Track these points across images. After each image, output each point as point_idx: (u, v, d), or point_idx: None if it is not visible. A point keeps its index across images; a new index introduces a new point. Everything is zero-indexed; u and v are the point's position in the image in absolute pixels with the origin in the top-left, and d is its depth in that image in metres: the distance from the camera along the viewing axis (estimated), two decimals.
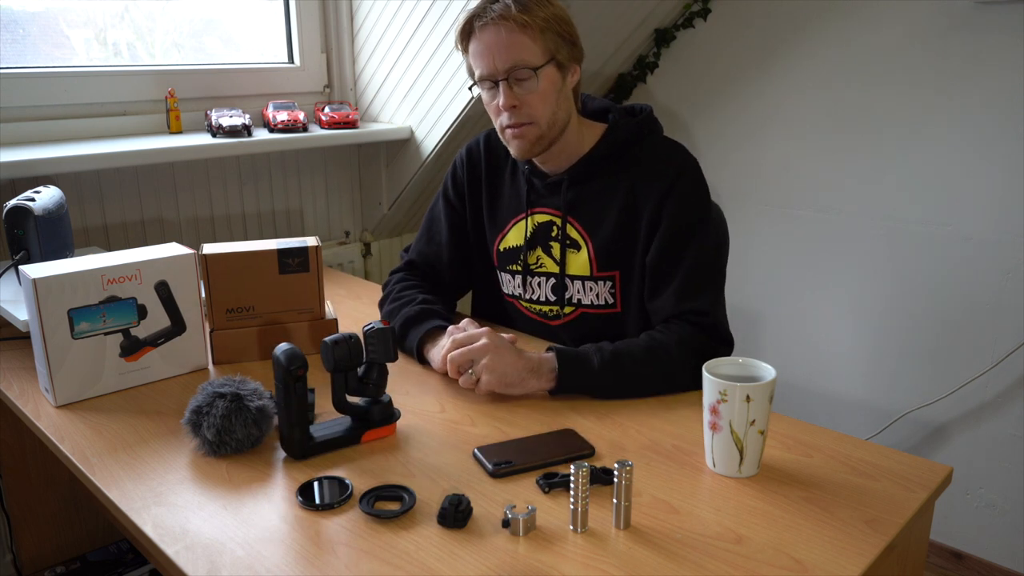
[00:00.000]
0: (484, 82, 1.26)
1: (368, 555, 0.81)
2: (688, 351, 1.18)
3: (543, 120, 1.25)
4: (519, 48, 1.21)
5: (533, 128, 1.26)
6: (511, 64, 1.22)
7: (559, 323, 1.38)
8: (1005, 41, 1.81)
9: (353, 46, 2.18)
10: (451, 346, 1.18)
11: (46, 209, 1.35)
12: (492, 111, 1.29)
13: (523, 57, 1.22)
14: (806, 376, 2.30)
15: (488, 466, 0.97)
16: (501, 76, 1.23)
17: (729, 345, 1.27)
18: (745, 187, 2.31)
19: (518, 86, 1.23)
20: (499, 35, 1.21)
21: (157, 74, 1.86)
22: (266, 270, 1.29)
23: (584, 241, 1.33)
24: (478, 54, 1.24)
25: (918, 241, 2.03)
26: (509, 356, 1.15)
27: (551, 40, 1.23)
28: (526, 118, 1.25)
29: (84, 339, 1.14)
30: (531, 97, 1.24)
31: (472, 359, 1.15)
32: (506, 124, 1.27)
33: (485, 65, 1.24)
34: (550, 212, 1.36)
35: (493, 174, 1.43)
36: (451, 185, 1.46)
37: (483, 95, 1.29)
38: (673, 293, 1.25)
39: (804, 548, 0.82)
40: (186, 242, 1.89)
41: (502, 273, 1.43)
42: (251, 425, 1.00)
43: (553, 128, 1.27)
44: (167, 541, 0.84)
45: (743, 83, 2.26)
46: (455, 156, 1.47)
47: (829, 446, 1.03)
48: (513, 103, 1.23)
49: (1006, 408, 1.97)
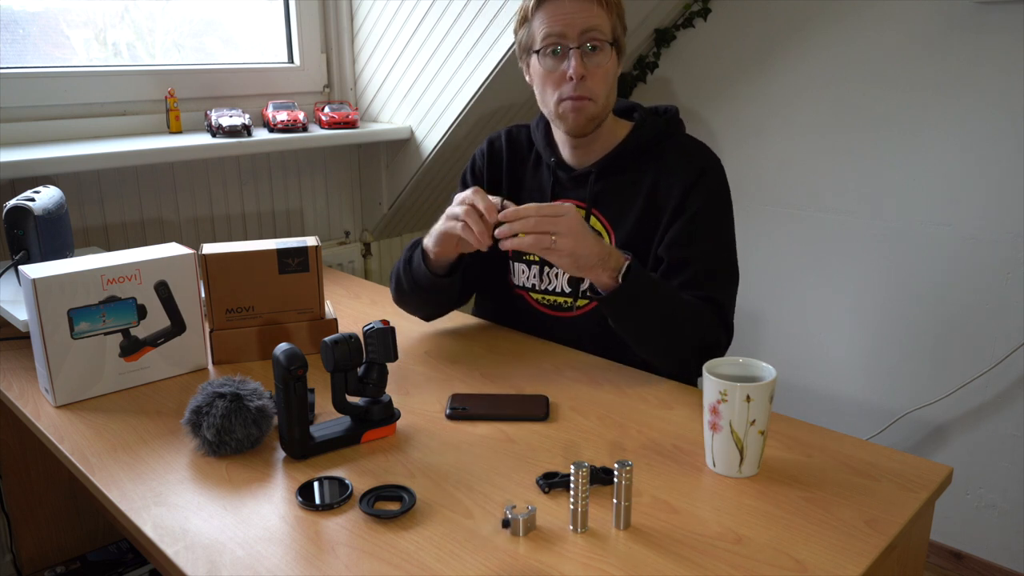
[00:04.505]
0: (550, 48, 1.26)
1: (368, 555, 0.81)
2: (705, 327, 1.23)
3: (601, 98, 1.27)
4: (597, 18, 1.24)
5: (591, 105, 1.27)
6: (588, 27, 1.23)
7: (572, 315, 1.38)
8: (1005, 41, 1.81)
9: (353, 46, 2.18)
10: (536, 212, 1.13)
11: (46, 209, 1.35)
12: (552, 81, 1.28)
13: (600, 25, 1.24)
14: (806, 376, 2.30)
15: (447, 410, 1.11)
16: (575, 43, 1.24)
17: (730, 336, 1.29)
18: (745, 187, 2.31)
19: (588, 58, 1.25)
20: (578, 3, 1.23)
21: (157, 74, 1.86)
22: (266, 270, 1.29)
23: (607, 233, 1.34)
24: (553, 17, 1.24)
25: (918, 241, 2.03)
26: (590, 239, 1.14)
27: (616, 23, 1.27)
28: (588, 92, 1.26)
29: (84, 339, 1.14)
30: (599, 71, 1.25)
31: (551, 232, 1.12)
32: (568, 95, 1.26)
33: (561, 29, 1.24)
34: (574, 204, 1.36)
35: (515, 167, 1.45)
36: (470, 177, 1.48)
37: (543, 63, 1.28)
38: (690, 279, 1.27)
39: (804, 548, 0.82)
40: (186, 242, 1.90)
41: (517, 264, 1.43)
42: (251, 425, 1.00)
43: (606, 110, 1.30)
44: (167, 541, 0.84)
45: (743, 83, 2.26)
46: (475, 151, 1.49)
47: (829, 446, 1.03)
48: (583, 73, 1.24)
49: (1006, 408, 1.97)
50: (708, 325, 1.24)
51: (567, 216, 1.14)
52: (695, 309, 1.23)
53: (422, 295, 1.36)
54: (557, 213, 1.14)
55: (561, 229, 1.12)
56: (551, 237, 1.12)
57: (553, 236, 1.12)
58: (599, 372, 1.27)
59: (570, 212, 1.15)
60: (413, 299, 1.40)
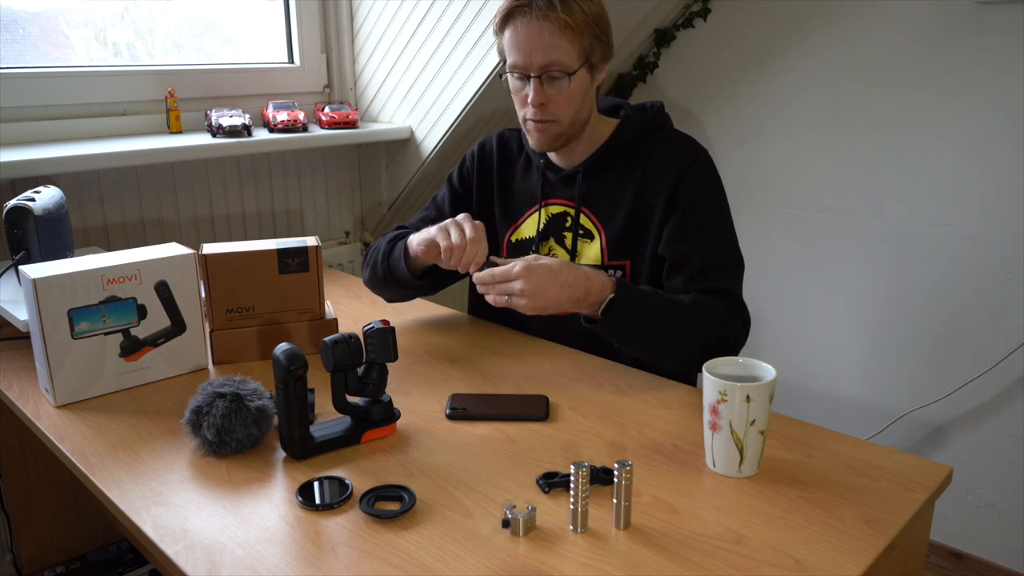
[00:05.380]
0: (514, 71, 1.26)
1: (368, 555, 0.81)
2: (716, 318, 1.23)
3: (566, 120, 1.27)
4: (556, 49, 1.21)
5: (555, 126, 1.28)
6: (547, 62, 1.22)
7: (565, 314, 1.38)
8: (1005, 41, 1.81)
9: (353, 46, 2.18)
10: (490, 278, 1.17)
11: (46, 209, 1.35)
12: (518, 100, 1.30)
13: (559, 59, 1.22)
14: (806, 376, 2.30)
15: (447, 410, 1.11)
16: (534, 73, 1.23)
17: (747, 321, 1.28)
18: (745, 187, 2.31)
19: (549, 85, 1.24)
20: (540, 32, 1.21)
21: (157, 74, 1.86)
22: (266, 270, 1.29)
23: (597, 230, 1.35)
24: (514, 45, 1.24)
25: (918, 241, 2.03)
26: (552, 291, 1.15)
27: (588, 41, 1.24)
28: (551, 116, 1.26)
29: (84, 339, 1.14)
30: (560, 97, 1.25)
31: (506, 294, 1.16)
32: (529, 117, 1.28)
33: (520, 58, 1.24)
34: (564, 203, 1.38)
35: (505, 170, 1.45)
36: (457, 174, 1.49)
37: (511, 82, 1.29)
38: (695, 272, 1.26)
39: (804, 548, 0.82)
40: (186, 242, 1.90)
41: None
42: (251, 425, 1.00)
43: (574, 127, 1.29)
44: (167, 541, 0.84)
45: (743, 83, 2.26)
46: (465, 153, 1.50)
47: (829, 446, 1.03)
48: (541, 101, 1.25)
49: (1006, 408, 1.97)
50: (719, 321, 1.23)
51: (520, 281, 1.15)
52: (699, 310, 1.22)
53: (394, 287, 1.42)
54: (504, 279, 1.16)
55: (513, 290, 1.16)
56: (505, 298, 1.17)
57: (507, 297, 1.17)
58: (599, 372, 1.27)
59: (520, 276, 1.15)
60: (384, 288, 1.45)
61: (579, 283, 1.16)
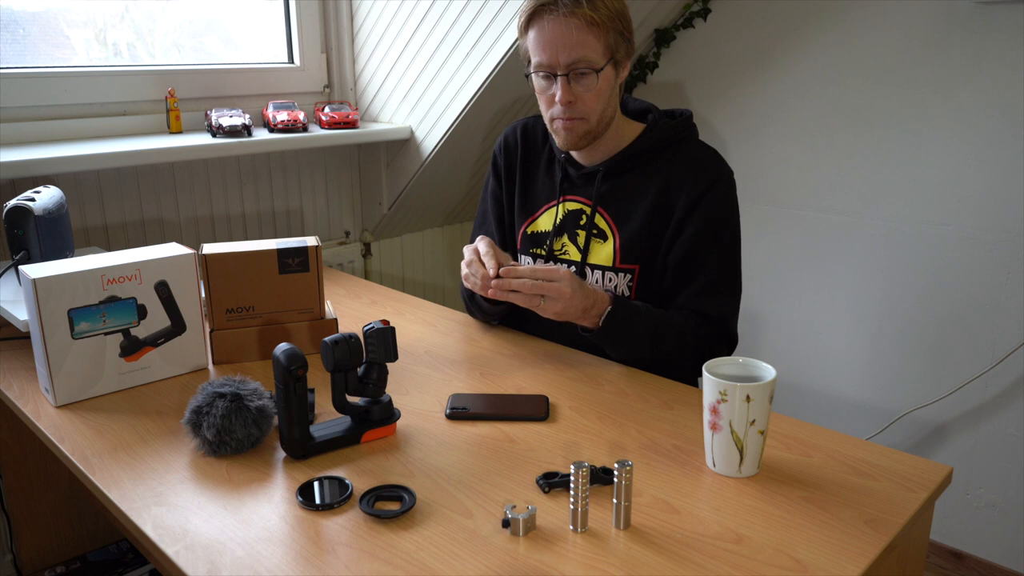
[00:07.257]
0: (540, 71, 1.26)
1: (368, 555, 0.81)
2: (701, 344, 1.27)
3: (594, 116, 1.28)
4: (584, 46, 1.22)
5: (583, 123, 1.28)
6: (574, 59, 1.22)
7: None
8: (1005, 41, 1.81)
9: (353, 46, 2.18)
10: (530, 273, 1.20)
11: (46, 209, 1.35)
12: (544, 100, 1.30)
13: (587, 55, 1.22)
14: (806, 376, 2.30)
15: (447, 410, 1.11)
16: (562, 71, 1.23)
17: (732, 346, 1.31)
18: (745, 187, 2.29)
19: (576, 83, 1.24)
20: (567, 29, 1.21)
21: (157, 74, 1.86)
22: (266, 270, 1.29)
23: (612, 232, 1.35)
24: (540, 44, 1.24)
25: (918, 241, 2.03)
26: (577, 299, 1.20)
27: (613, 38, 1.24)
28: (579, 114, 1.26)
29: (84, 339, 1.14)
30: (588, 95, 1.25)
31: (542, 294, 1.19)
32: (557, 116, 1.28)
33: (547, 57, 1.24)
34: (581, 201, 1.38)
35: (528, 161, 1.46)
36: (492, 175, 1.51)
37: (536, 82, 1.29)
38: (695, 292, 1.29)
39: (804, 548, 0.82)
40: (186, 242, 1.90)
41: (524, 257, 1.46)
42: (251, 425, 1.00)
43: (601, 124, 1.30)
44: (167, 541, 0.84)
45: (743, 83, 2.26)
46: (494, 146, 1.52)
47: (829, 446, 1.03)
48: (570, 99, 1.25)
49: (1006, 408, 1.97)
50: (706, 343, 1.27)
51: (559, 283, 1.18)
52: (688, 329, 1.27)
53: (484, 315, 1.48)
54: (550, 278, 1.19)
55: (551, 294, 1.19)
56: (540, 299, 1.19)
57: (542, 297, 1.19)
58: (599, 372, 1.27)
59: (563, 279, 1.19)
60: (480, 316, 1.50)
61: (590, 295, 1.22)
